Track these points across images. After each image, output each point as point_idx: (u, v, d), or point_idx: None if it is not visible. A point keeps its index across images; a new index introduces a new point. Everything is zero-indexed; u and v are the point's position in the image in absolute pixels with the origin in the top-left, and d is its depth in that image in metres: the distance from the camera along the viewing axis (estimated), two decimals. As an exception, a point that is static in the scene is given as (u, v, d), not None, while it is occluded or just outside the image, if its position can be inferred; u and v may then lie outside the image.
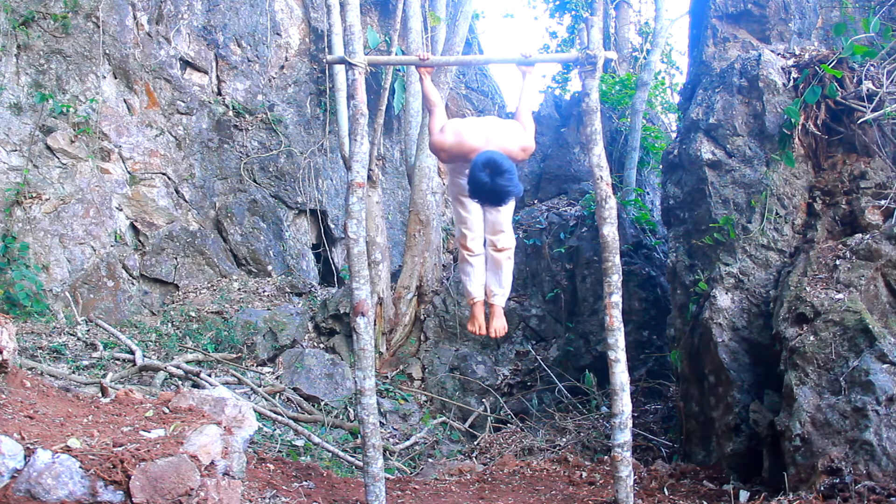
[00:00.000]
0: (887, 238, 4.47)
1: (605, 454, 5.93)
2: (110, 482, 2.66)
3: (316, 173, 10.21)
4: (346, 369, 7.48)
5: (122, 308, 8.31)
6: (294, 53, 10.53)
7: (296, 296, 9.01)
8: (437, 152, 4.07)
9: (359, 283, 3.74)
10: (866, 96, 4.82)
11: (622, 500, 3.67)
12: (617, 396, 3.71)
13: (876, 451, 3.77)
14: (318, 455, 5.83)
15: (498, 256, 4.25)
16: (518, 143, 3.95)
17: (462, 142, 3.90)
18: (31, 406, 3.27)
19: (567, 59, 4.73)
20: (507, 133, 3.96)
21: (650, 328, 8.00)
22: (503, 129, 3.99)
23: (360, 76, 3.90)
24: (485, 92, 12.96)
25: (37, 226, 7.93)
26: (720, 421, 5.10)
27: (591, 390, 7.41)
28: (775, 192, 5.11)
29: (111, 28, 8.58)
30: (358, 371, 3.70)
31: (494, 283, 4.30)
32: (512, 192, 3.70)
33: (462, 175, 3.95)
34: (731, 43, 6.34)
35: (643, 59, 12.85)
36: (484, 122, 4.24)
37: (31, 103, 8.02)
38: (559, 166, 10.70)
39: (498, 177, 3.61)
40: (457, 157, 3.95)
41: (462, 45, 8.61)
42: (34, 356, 6.54)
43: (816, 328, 4.28)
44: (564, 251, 8.60)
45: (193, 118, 9.30)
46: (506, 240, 4.22)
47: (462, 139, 3.91)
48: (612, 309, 3.74)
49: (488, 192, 3.66)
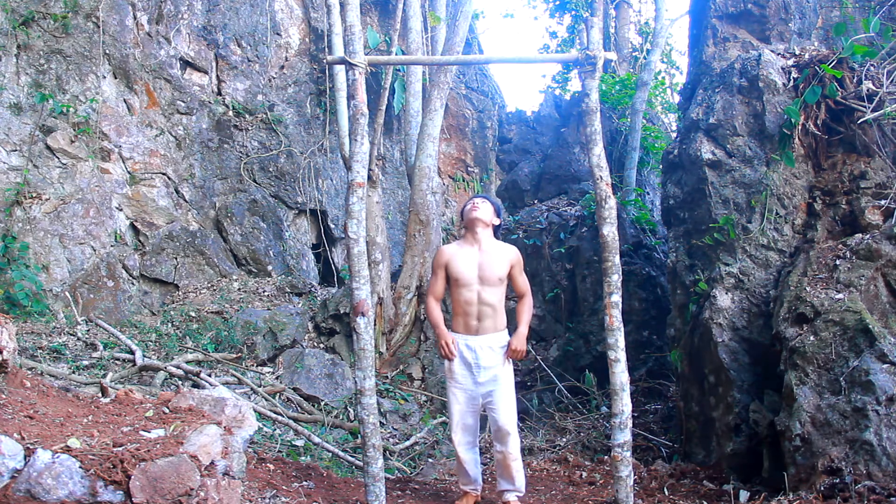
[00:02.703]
0: (887, 238, 4.47)
1: (605, 454, 5.93)
2: (110, 482, 2.66)
3: (316, 173, 10.22)
4: (346, 369, 7.48)
5: (122, 308, 8.31)
6: (294, 53, 10.53)
7: (296, 296, 9.01)
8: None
9: (359, 283, 3.73)
10: (866, 96, 4.82)
11: (622, 500, 3.66)
12: (617, 396, 3.70)
13: (876, 451, 3.77)
14: (318, 455, 5.83)
15: (506, 462, 3.96)
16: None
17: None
18: (31, 406, 3.27)
19: (567, 59, 4.72)
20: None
21: (650, 328, 8.00)
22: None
23: (361, 76, 3.89)
24: (485, 92, 12.96)
25: (37, 226, 7.93)
26: (720, 421, 5.09)
27: (591, 390, 7.42)
28: (775, 192, 5.11)
29: (111, 28, 8.58)
30: (358, 371, 3.70)
31: (506, 483, 4.03)
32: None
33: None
34: (731, 43, 6.34)
35: (643, 59, 12.86)
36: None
37: (31, 103, 8.02)
38: (559, 166, 10.72)
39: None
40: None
41: (462, 45, 8.61)
42: (34, 356, 6.54)
43: (816, 328, 4.28)
44: (564, 251, 8.60)
45: (193, 118, 9.30)
46: (514, 447, 3.93)
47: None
48: (612, 309, 3.74)
49: None
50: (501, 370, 4.00)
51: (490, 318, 4.01)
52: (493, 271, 4.00)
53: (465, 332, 4.03)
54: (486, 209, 4.11)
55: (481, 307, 3.99)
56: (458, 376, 4.00)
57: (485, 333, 4.00)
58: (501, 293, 4.06)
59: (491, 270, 4.00)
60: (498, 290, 4.02)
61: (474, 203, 4.13)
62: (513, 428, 3.94)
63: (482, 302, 3.99)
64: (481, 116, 12.76)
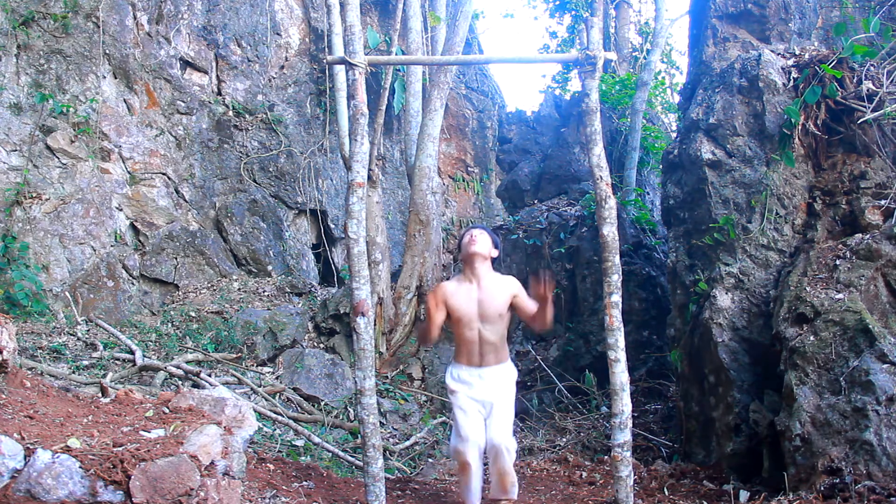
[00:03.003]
0: (887, 238, 4.47)
1: (605, 454, 5.92)
2: (110, 482, 2.66)
3: (316, 173, 10.22)
4: (346, 369, 7.48)
5: (122, 308, 8.31)
6: (294, 53, 10.54)
7: (296, 296, 9.01)
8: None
9: (359, 283, 3.73)
10: (866, 96, 4.82)
11: (622, 500, 3.66)
12: (617, 396, 3.70)
13: (876, 451, 3.77)
14: (318, 455, 5.83)
15: (501, 478, 3.93)
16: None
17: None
18: (31, 406, 3.27)
19: (567, 59, 4.72)
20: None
21: (650, 328, 8.00)
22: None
23: (361, 76, 3.89)
24: (485, 92, 12.97)
25: (37, 226, 7.93)
26: (720, 421, 5.09)
27: (591, 390, 7.42)
28: (775, 192, 5.11)
29: (111, 28, 8.59)
30: (358, 371, 3.70)
31: (499, 493, 4.01)
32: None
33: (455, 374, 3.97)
34: (731, 43, 6.34)
35: (643, 59, 12.87)
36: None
37: (31, 103, 8.02)
38: (559, 166, 10.71)
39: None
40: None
41: (462, 45, 8.62)
42: (34, 356, 6.54)
43: (816, 328, 4.28)
44: (564, 251, 8.60)
45: (193, 118, 9.30)
46: (507, 463, 3.89)
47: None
48: (612, 309, 3.74)
49: None
50: (503, 389, 3.98)
51: (492, 353, 3.98)
52: (493, 308, 3.93)
53: (468, 364, 4.00)
54: (485, 242, 4.03)
55: (483, 345, 3.96)
56: (462, 391, 3.98)
57: (488, 366, 3.98)
58: (503, 329, 4.02)
59: (491, 307, 3.93)
60: (499, 327, 3.97)
61: (472, 236, 4.05)
62: (508, 444, 3.90)
63: (483, 340, 3.95)
64: (481, 116, 12.77)
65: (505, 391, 3.97)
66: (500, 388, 3.95)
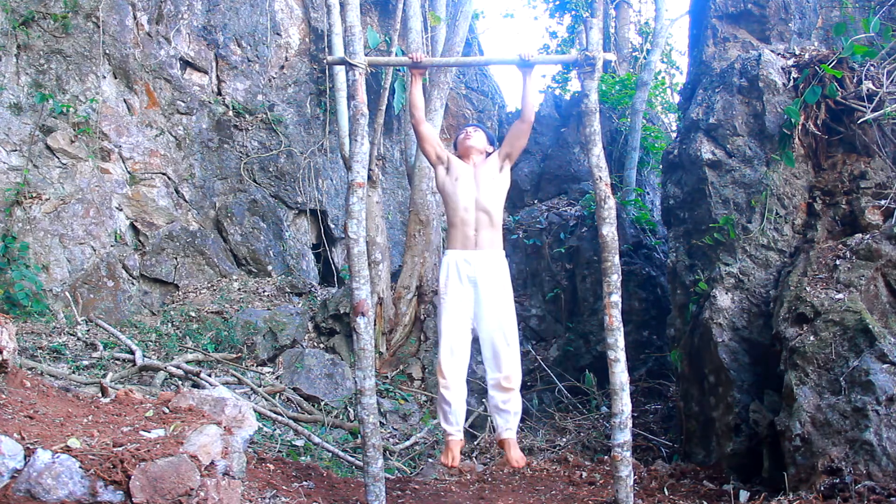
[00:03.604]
0: (887, 238, 4.47)
1: (605, 454, 5.93)
2: (110, 482, 2.66)
3: (316, 173, 10.21)
4: (346, 369, 7.48)
5: (122, 308, 8.31)
6: (294, 53, 10.53)
7: (296, 296, 9.01)
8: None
9: (359, 283, 3.73)
10: (866, 96, 4.82)
11: (622, 500, 3.66)
12: (617, 396, 3.70)
13: (876, 451, 3.77)
14: (318, 455, 5.83)
15: (504, 396, 3.82)
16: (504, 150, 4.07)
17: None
18: (31, 406, 3.27)
19: (566, 60, 4.73)
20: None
21: (650, 328, 8.00)
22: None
23: (361, 76, 3.90)
24: (485, 92, 12.97)
25: (37, 226, 7.92)
26: (720, 421, 5.09)
27: (591, 390, 7.42)
28: (775, 192, 5.11)
29: (111, 28, 8.58)
30: (358, 371, 3.70)
31: (501, 421, 3.91)
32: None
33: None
34: (731, 43, 6.34)
35: (643, 59, 12.86)
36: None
37: (31, 103, 8.02)
38: (559, 166, 10.72)
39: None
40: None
41: (462, 45, 8.61)
42: (34, 356, 6.54)
43: (816, 328, 4.28)
44: (564, 251, 8.60)
45: (193, 118, 9.30)
46: (514, 375, 3.79)
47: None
48: (612, 309, 3.74)
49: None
50: (500, 287, 3.88)
51: (487, 229, 3.91)
52: (488, 172, 4.01)
53: (463, 246, 3.91)
54: (480, 137, 4.12)
55: (479, 213, 3.91)
56: (452, 292, 3.87)
57: (482, 248, 3.89)
58: (499, 200, 3.99)
59: (487, 172, 4.01)
60: (495, 194, 3.97)
61: (467, 132, 4.14)
62: (514, 347, 3.78)
63: (479, 208, 3.91)
64: (481, 116, 12.76)
65: (502, 290, 3.89)
66: (497, 287, 3.88)
